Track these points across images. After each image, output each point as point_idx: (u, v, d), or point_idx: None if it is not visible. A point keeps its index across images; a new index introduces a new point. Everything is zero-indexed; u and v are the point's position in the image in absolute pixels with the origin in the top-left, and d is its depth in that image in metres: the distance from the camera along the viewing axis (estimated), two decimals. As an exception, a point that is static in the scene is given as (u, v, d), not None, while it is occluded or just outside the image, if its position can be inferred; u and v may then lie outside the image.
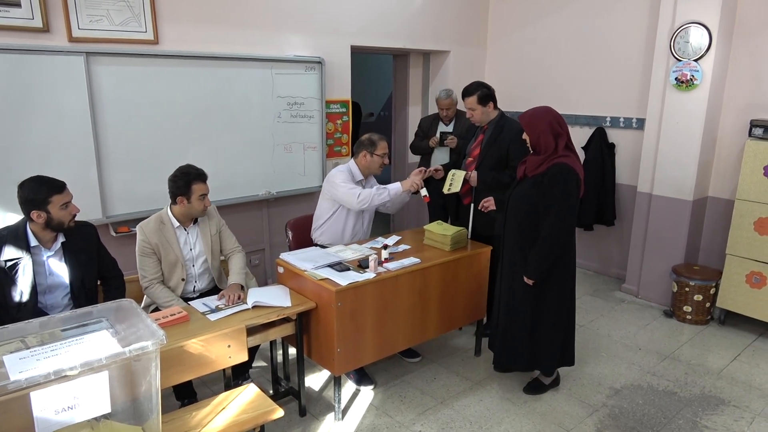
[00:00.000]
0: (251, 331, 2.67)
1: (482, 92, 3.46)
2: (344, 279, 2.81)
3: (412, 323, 3.13)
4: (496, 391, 3.23)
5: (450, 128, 4.55)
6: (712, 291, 4.12)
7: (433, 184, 4.47)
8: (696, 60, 4.09)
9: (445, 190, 3.55)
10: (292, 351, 3.21)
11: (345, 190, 3.36)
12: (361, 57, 8.28)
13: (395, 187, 3.43)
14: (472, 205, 3.48)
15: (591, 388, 3.28)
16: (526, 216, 2.89)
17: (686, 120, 4.21)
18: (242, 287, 2.94)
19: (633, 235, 4.71)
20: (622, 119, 4.84)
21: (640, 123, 4.68)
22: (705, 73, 4.08)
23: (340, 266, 2.98)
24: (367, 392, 3.22)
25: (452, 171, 3.58)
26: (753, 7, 4.06)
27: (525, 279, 2.90)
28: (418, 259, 3.12)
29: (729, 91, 4.27)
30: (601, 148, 4.91)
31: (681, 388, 3.31)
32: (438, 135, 4.48)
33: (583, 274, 5.20)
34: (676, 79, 4.20)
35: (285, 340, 3.15)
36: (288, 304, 2.81)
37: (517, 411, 3.05)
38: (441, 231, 3.38)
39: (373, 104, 8.71)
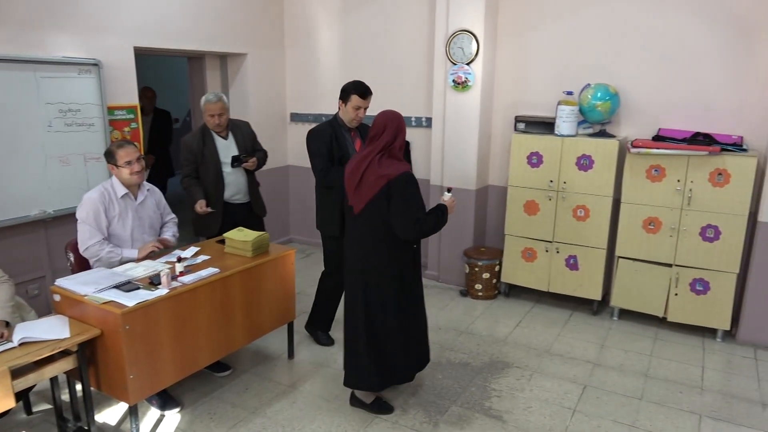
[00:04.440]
0: (20, 372, 2.34)
1: None
2: (132, 299, 2.59)
3: (216, 336, 3.02)
4: (309, 391, 3.27)
5: (230, 143, 3.87)
6: (497, 268, 4.66)
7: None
8: (468, 63, 4.57)
9: None
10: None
11: (80, 232, 3.09)
12: (168, 60, 7.78)
13: (130, 253, 3.17)
14: None
15: (398, 372, 3.48)
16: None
17: (465, 118, 4.69)
18: (7, 324, 2.56)
19: (431, 225, 5.10)
20: (413, 118, 5.21)
21: (429, 122, 5.09)
22: (476, 75, 4.58)
23: (128, 286, 2.75)
24: (173, 416, 3.02)
25: None
26: (510, 18, 4.66)
27: None
28: (216, 269, 3.02)
29: (498, 91, 4.85)
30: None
31: (473, 358, 3.68)
32: (230, 160, 3.79)
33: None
34: (453, 81, 4.65)
35: (69, 375, 2.81)
36: (65, 335, 2.51)
37: (328, 407, 3.12)
38: (241, 237, 3.31)
39: (179, 109, 8.27)
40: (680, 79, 4.10)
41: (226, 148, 3.85)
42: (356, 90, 3.38)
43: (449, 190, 3.13)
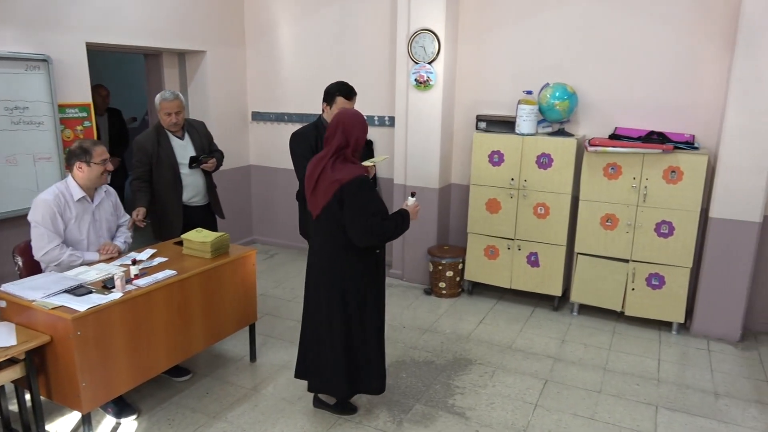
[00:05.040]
0: (-38, 382, 2.23)
1: None
2: (83, 304, 2.50)
3: (174, 340, 2.94)
4: (272, 394, 3.22)
5: (187, 143, 3.75)
6: (460, 266, 4.68)
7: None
8: (430, 63, 4.58)
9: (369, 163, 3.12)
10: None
11: (35, 237, 2.93)
12: (123, 57, 7.54)
13: (92, 257, 3.07)
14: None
15: (362, 372, 3.46)
16: None
17: (427, 117, 4.70)
18: (-52, 332, 2.43)
19: (394, 224, 5.10)
20: (376, 118, 5.20)
21: (392, 121, 5.09)
22: (438, 74, 4.59)
23: (80, 290, 2.64)
24: (130, 423, 2.92)
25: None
26: (471, 18, 4.70)
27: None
28: (173, 271, 2.94)
29: (459, 90, 4.88)
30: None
31: (437, 356, 3.69)
32: (188, 161, 3.70)
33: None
34: (415, 80, 4.65)
35: (17, 385, 2.69)
36: (11, 342, 2.40)
37: (292, 409, 3.07)
38: (200, 239, 3.23)
39: (136, 108, 8.06)
40: (636, 80, 4.21)
41: (183, 149, 3.74)
42: (341, 92, 3.30)
43: (413, 194, 3.00)
